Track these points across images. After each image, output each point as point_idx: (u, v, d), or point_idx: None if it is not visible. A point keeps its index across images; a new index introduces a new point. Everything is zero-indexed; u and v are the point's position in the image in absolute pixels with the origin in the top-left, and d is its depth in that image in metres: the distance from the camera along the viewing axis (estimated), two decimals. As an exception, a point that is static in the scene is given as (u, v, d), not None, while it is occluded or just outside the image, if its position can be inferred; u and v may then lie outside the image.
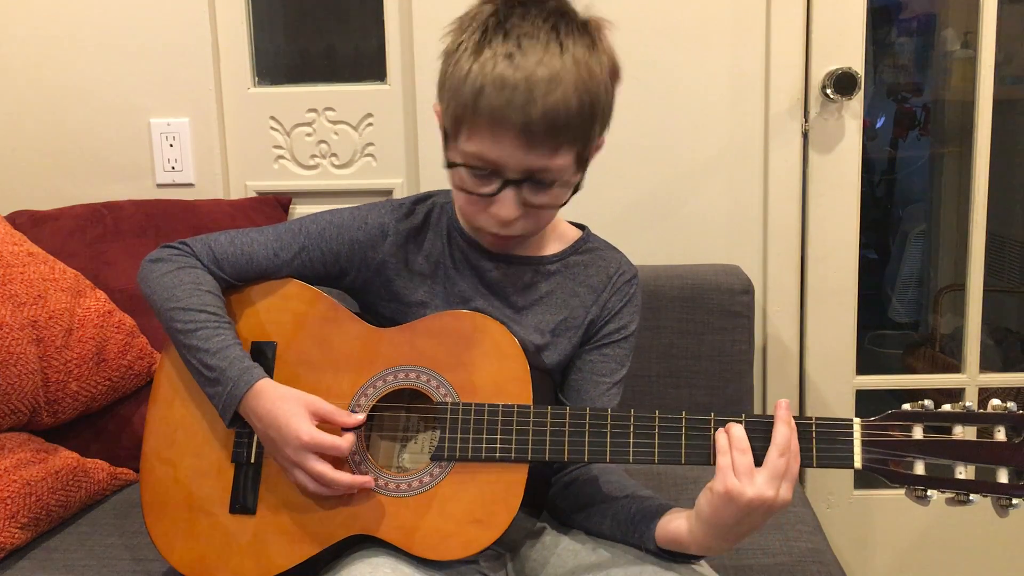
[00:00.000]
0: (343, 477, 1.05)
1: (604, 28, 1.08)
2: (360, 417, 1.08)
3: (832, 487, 1.90)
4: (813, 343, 1.84)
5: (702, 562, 1.06)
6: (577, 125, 1.02)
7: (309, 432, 1.04)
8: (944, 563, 1.93)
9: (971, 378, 1.86)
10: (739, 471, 0.95)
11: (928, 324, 2.45)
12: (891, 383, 1.93)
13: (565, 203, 1.11)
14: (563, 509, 1.16)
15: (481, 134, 1.02)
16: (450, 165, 1.08)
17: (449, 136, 1.07)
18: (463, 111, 1.02)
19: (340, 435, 1.06)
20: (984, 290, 1.85)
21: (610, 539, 1.09)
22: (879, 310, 2.60)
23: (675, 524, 1.02)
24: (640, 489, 1.11)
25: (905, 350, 2.43)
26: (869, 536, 1.93)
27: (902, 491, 1.96)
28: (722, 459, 0.97)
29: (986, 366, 1.91)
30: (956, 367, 1.95)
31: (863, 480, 1.91)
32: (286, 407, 1.06)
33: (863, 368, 1.86)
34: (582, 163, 1.08)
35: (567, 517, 1.16)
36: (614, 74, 1.08)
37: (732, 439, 0.97)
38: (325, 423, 1.07)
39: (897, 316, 2.60)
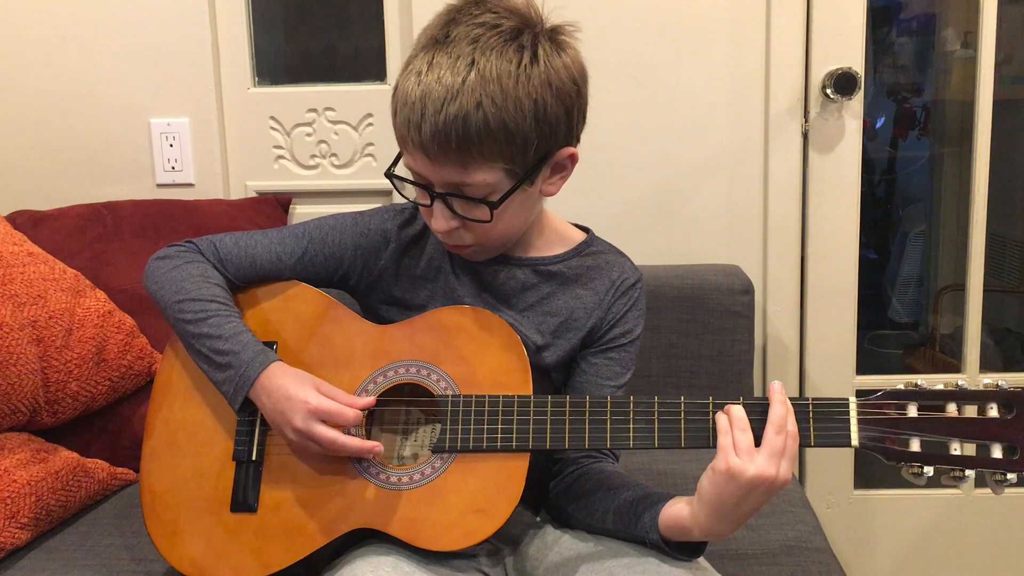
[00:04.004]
0: (353, 442, 1.05)
1: (562, 37, 1.06)
2: (369, 399, 1.09)
3: (832, 487, 1.90)
4: (813, 343, 1.84)
5: (701, 559, 1.06)
6: (484, 142, 1.01)
7: (316, 399, 1.05)
8: (944, 563, 1.93)
9: (971, 378, 1.87)
10: (740, 449, 0.96)
11: (928, 324, 2.45)
12: (891, 383, 1.92)
13: (525, 214, 1.12)
14: (564, 508, 1.16)
15: (404, 150, 1.07)
16: (389, 175, 1.11)
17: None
18: (393, 126, 1.07)
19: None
20: (984, 290, 1.85)
21: (612, 532, 1.10)
22: (879, 310, 2.59)
23: (677, 508, 1.02)
24: (641, 482, 1.11)
25: (905, 350, 2.42)
26: (869, 536, 1.93)
27: (902, 491, 1.96)
28: (723, 439, 0.97)
29: (986, 366, 1.91)
30: (956, 367, 1.95)
31: (863, 480, 1.91)
32: (295, 382, 1.08)
33: (863, 368, 1.86)
34: (522, 178, 1.06)
35: (568, 515, 1.16)
36: (563, 88, 1.04)
37: (733, 419, 0.98)
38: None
39: (897, 316, 2.60)
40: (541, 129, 1.04)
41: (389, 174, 1.10)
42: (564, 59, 1.05)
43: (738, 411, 0.98)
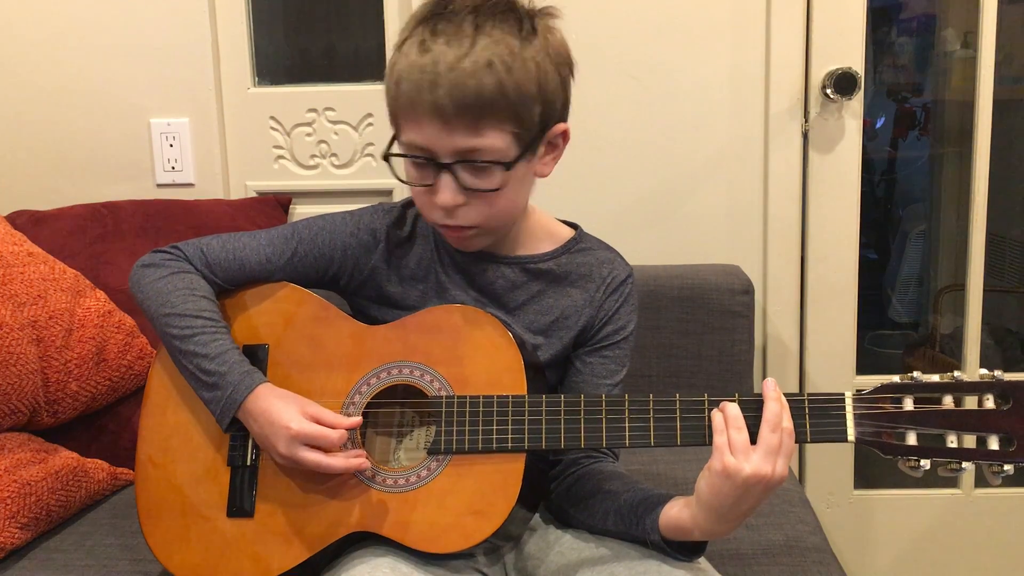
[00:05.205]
0: (337, 461, 1.05)
1: (550, 18, 1.08)
2: (355, 419, 1.08)
3: (832, 487, 1.90)
4: (813, 343, 1.84)
5: (702, 560, 1.06)
6: (497, 102, 1.01)
7: (299, 423, 1.05)
8: (944, 563, 1.93)
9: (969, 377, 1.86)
10: (735, 448, 0.96)
11: (928, 324, 2.45)
12: (891, 383, 1.93)
13: (525, 193, 1.11)
14: (565, 509, 1.16)
15: (408, 122, 1.05)
16: (387, 156, 1.09)
17: (395, 136, 1.09)
18: (392, 104, 1.06)
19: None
20: (984, 290, 1.85)
21: (613, 533, 1.10)
22: (879, 310, 2.59)
23: (676, 510, 1.02)
24: (641, 483, 1.11)
25: (905, 350, 2.42)
26: (869, 536, 1.93)
27: (902, 490, 1.96)
28: (718, 438, 0.97)
29: (986, 366, 1.90)
30: (956, 367, 1.95)
31: (863, 480, 1.91)
32: (279, 404, 1.07)
33: (863, 368, 1.86)
34: (527, 146, 1.06)
35: (569, 516, 1.16)
36: (559, 60, 1.07)
37: (728, 417, 0.98)
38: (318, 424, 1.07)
39: (897, 316, 2.60)
40: (544, 96, 1.05)
41: (387, 155, 1.09)
42: (558, 35, 1.08)
43: (733, 409, 0.98)
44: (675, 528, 1.02)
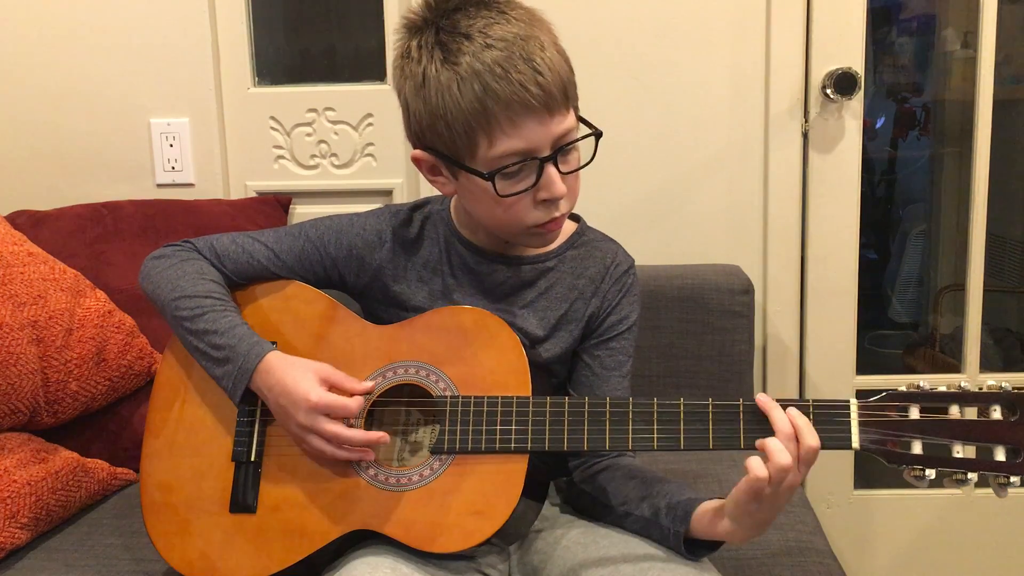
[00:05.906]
0: (357, 434, 1.05)
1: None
2: (368, 384, 1.08)
3: (832, 487, 1.90)
4: (813, 343, 1.84)
5: (705, 560, 1.06)
6: (570, 76, 1.04)
7: (318, 393, 1.05)
8: (944, 563, 1.93)
9: (971, 378, 1.86)
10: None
11: (928, 324, 2.45)
12: (891, 383, 1.91)
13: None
14: (587, 494, 1.16)
15: (503, 128, 1.01)
16: (493, 174, 1.02)
17: (460, 160, 1.05)
18: (475, 119, 1.01)
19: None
20: (984, 290, 1.85)
21: (635, 519, 1.09)
22: (879, 310, 2.60)
23: (711, 525, 1.01)
24: (668, 480, 1.11)
25: (905, 350, 2.42)
26: (869, 536, 1.93)
27: (902, 491, 1.96)
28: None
29: (986, 366, 1.91)
30: (956, 367, 1.95)
31: (863, 480, 1.91)
32: (295, 373, 1.07)
33: (863, 368, 1.86)
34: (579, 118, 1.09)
35: (588, 504, 1.16)
36: None
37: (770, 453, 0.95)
38: (335, 390, 1.07)
39: (897, 316, 2.60)
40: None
41: (496, 171, 1.03)
42: None
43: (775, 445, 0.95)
44: (709, 536, 1.02)
